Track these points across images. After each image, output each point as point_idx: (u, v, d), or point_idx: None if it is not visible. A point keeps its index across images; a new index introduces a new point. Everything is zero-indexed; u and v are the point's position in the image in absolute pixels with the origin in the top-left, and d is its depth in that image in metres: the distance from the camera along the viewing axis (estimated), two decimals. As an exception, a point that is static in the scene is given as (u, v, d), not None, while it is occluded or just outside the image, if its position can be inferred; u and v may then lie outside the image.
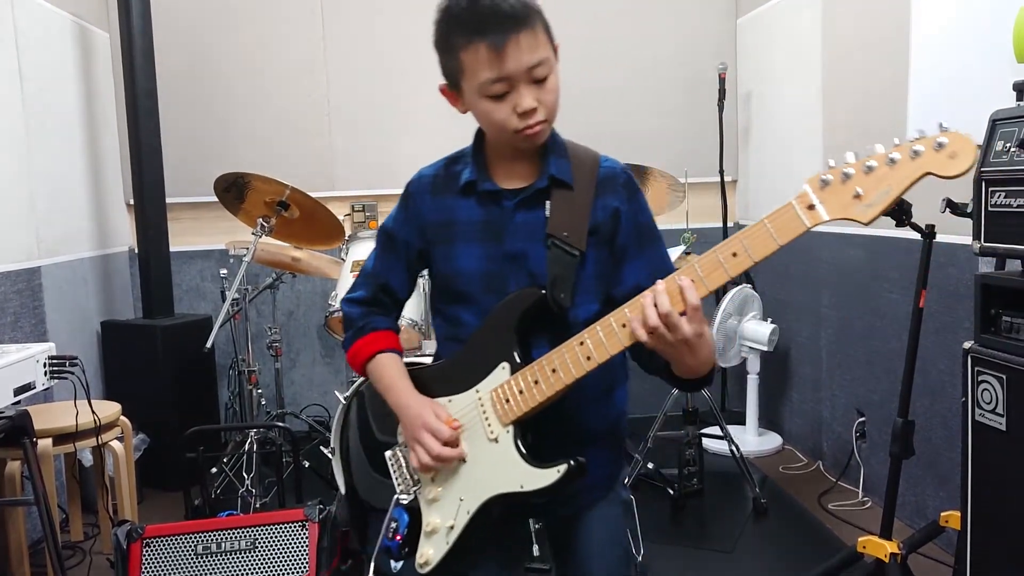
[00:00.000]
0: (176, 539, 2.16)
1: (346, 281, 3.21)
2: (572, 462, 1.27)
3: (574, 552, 1.48)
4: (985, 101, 2.18)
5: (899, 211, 2.34)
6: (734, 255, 1.17)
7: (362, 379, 1.60)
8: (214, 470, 3.43)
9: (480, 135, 1.47)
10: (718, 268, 1.18)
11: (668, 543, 3.06)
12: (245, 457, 3.35)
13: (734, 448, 3.46)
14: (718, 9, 4.56)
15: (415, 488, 1.43)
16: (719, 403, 4.46)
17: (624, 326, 1.23)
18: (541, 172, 1.41)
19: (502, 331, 1.36)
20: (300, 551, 2.18)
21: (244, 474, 3.30)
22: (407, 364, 1.51)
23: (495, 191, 1.42)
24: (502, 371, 1.34)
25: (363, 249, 3.24)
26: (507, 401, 1.32)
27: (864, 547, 2.49)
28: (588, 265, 1.38)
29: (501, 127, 1.34)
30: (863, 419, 3.39)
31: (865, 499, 3.36)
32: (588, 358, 1.26)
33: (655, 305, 1.18)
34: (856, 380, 3.48)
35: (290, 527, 2.20)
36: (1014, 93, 2.06)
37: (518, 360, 1.33)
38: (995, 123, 1.98)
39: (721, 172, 4.39)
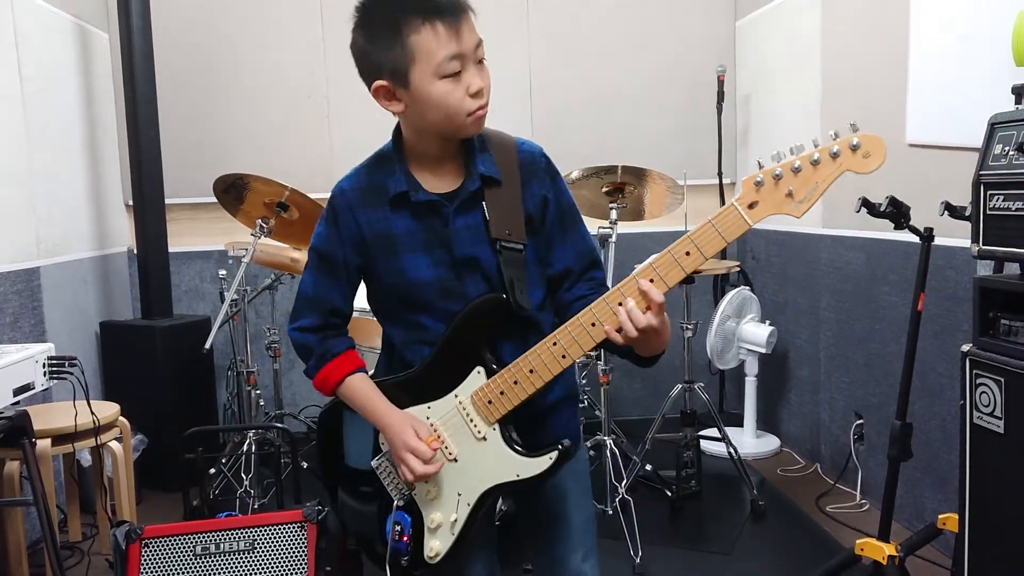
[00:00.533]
0: (175, 540, 2.16)
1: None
2: (561, 445, 1.40)
3: (553, 508, 1.58)
4: (984, 104, 2.19)
5: (898, 214, 2.35)
6: (687, 254, 1.30)
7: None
8: (213, 471, 3.43)
9: (398, 138, 1.49)
10: (674, 267, 1.31)
11: (666, 545, 3.06)
12: (244, 458, 3.35)
13: (732, 450, 3.46)
14: (717, 11, 4.57)
15: (409, 490, 1.50)
16: (717, 405, 4.46)
17: (594, 325, 1.35)
18: (469, 172, 1.45)
19: (471, 338, 1.44)
20: (299, 552, 2.18)
21: (243, 475, 3.30)
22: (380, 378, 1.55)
23: (428, 200, 1.43)
24: (478, 375, 1.43)
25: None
26: (490, 402, 1.42)
27: (862, 549, 2.49)
28: (529, 254, 1.46)
29: (455, 110, 1.36)
30: (861, 421, 3.39)
31: (863, 501, 3.37)
32: (563, 356, 1.38)
33: (630, 320, 1.30)
34: (854, 382, 3.49)
35: (289, 528, 2.19)
36: (1013, 96, 2.06)
37: (493, 365, 1.43)
38: (994, 126, 1.98)
39: (720, 174, 4.39)
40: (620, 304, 1.32)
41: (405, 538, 1.47)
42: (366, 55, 1.40)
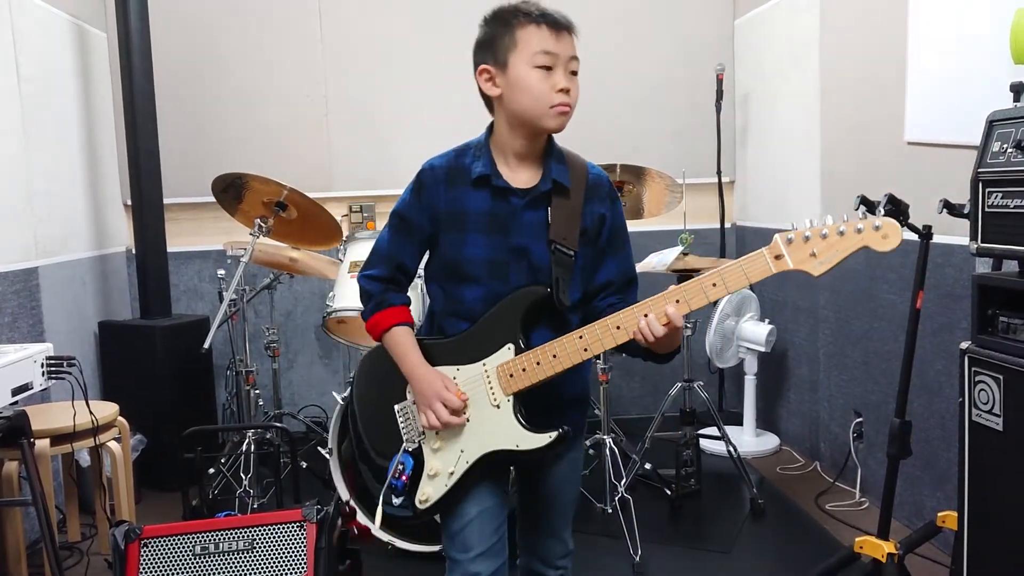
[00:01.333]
0: (174, 539, 2.16)
1: (344, 282, 3.20)
2: (561, 429, 1.57)
3: (547, 487, 1.78)
4: (982, 101, 2.19)
5: (896, 212, 2.35)
6: (714, 285, 1.49)
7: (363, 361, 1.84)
8: (212, 471, 3.43)
9: (490, 132, 1.67)
10: (700, 295, 1.50)
11: (666, 543, 3.06)
12: (243, 458, 3.35)
13: (731, 449, 3.47)
14: (716, 10, 4.57)
15: (420, 438, 1.67)
16: (716, 404, 4.46)
17: (619, 328, 1.54)
18: (543, 175, 1.64)
19: (509, 318, 1.61)
20: (298, 551, 2.17)
21: (242, 474, 3.30)
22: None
23: (506, 188, 1.62)
24: (507, 351, 1.61)
25: (361, 250, 3.24)
26: (511, 376, 1.60)
27: (861, 547, 2.49)
28: (578, 261, 1.65)
29: (539, 98, 1.55)
30: (860, 419, 3.39)
31: (862, 499, 3.37)
32: (585, 350, 1.56)
33: (649, 329, 1.50)
34: (853, 380, 3.49)
35: (288, 527, 2.19)
36: (1011, 94, 2.07)
37: (522, 345, 1.60)
38: (992, 124, 1.98)
39: (719, 173, 4.40)
40: (645, 315, 1.51)
41: (404, 478, 1.64)
42: (481, 44, 1.64)
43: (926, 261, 2.39)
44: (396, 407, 1.70)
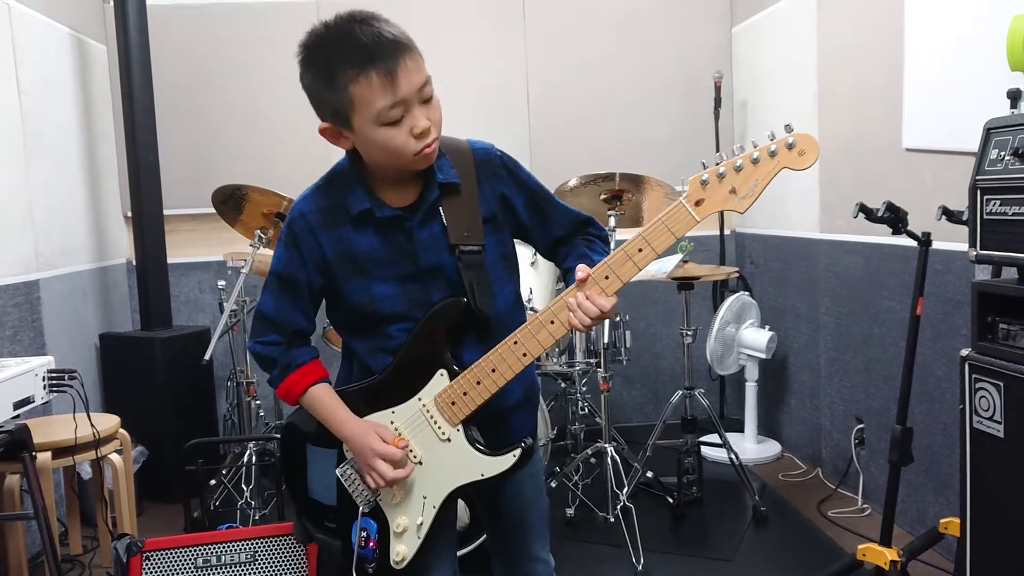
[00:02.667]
0: (176, 552, 2.16)
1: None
2: (523, 443, 1.46)
3: (512, 509, 1.65)
4: (979, 109, 2.19)
5: (895, 219, 2.36)
6: (639, 250, 1.37)
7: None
8: (213, 482, 3.42)
9: (355, 156, 1.49)
10: (627, 262, 1.38)
11: (668, 551, 3.06)
12: (244, 469, 3.35)
13: (733, 456, 3.46)
14: (713, 18, 4.58)
15: (376, 497, 1.52)
16: (718, 411, 4.46)
17: (552, 322, 1.41)
18: (427, 182, 1.46)
19: (432, 342, 1.47)
20: (299, 564, 2.18)
21: (243, 486, 3.30)
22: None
23: (394, 216, 1.46)
24: (440, 377, 1.47)
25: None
26: (453, 403, 1.46)
27: (864, 554, 2.49)
28: (490, 252, 1.49)
29: (399, 153, 1.38)
30: (862, 426, 3.39)
31: (865, 506, 3.37)
32: (524, 355, 1.43)
33: (583, 312, 1.38)
34: (855, 387, 3.49)
35: (289, 540, 2.19)
36: (1008, 101, 2.07)
37: (454, 367, 1.46)
38: (989, 131, 1.99)
39: (718, 180, 4.40)
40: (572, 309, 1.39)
41: (372, 543, 1.50)
42: (312, 95, 1.43)
43: (925, 268, 2.40)
44: (337, 472, 1.53)
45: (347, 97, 1.35)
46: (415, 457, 1.49)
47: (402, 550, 1.50)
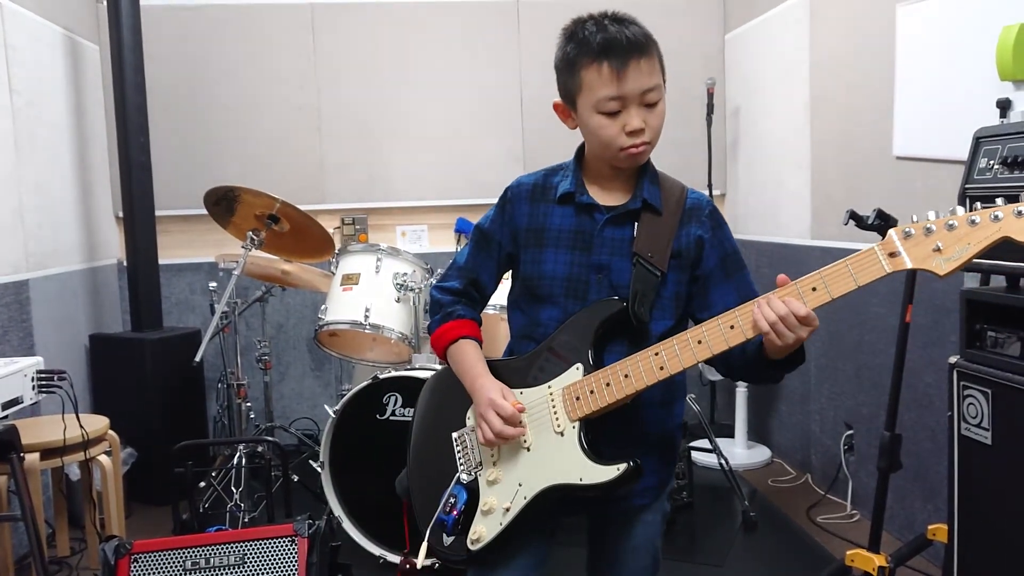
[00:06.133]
0: (164, 554, 2.15)
1: (336, 295, 3.20)
2: (631, 463, 1.37)
3: (610, 550, 1.59)
4: (969, 118, 2.21)
5: (885, 226, 2.37)
6: (813, 289, 1.31)
7: (345, 397, 1.67)
8: (202, 484, 3.41)
9: (580, 152, 1.60)
10: (798, 300, 1.31)
11: (658, 557, 3.06)
12: (234, 471, 3.34)
13: (723, 461, 3.47)
14: (706, 25, 4.61)
15: (477, 469, 1.51)
16: (708, 416, 4.47)
17: (700, 342, 1.36)
18: (634, 194, 1.53)
19: (581, 335, 1.47)
20: (289, 566, 2.17)
21: (233, 488, 3.28)
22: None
23: (590, 204, 1.53)
24: (576, 371, 1.45)
25: (353, 262, 3.25)
26: (577, 399, 1.43)
27: (852, 560, 2.50)
28: (668, 285, 1.50)
29: (608, 143, 1.46)
30: (851, 432, 3.41)
31: (853, 512, 3.38)
32: (661, 368, 1.38)
33: (772, 310, 1.31)
34: (844, 393, 3.50)
35: (279, 542, 2.19)
36: (998, 110, 2.09)
37: (591, 363, 1.44)
38: (979, 140, 2.01)
39: (710, 186, 4.42)
40: (732, 327, 1.34)
41: (456, 513, 1.48)
42: (557, 72, 1.55)
43: (915, 275, 2.41)
44: (454, 435, 1.56)
45: (578, 80, 1.46)
46: (525, 442, 1.47)
47: (481, 531, 1.47)
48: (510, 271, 1.65)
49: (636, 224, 1.50)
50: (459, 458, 1.54)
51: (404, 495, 1.64)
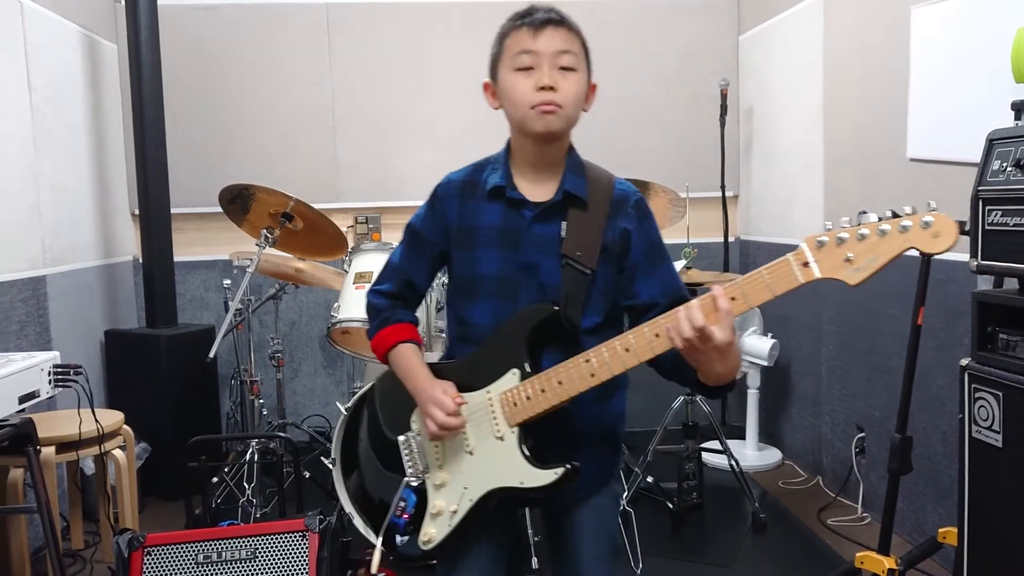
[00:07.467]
0: (177, 548, 2.17)
1: (349, 293, 3.22)
2: (569, 466, 1.42)
3: (567, 538, 1.61)
4: (983, 119, 2.21)
5: (898, 228, 2.36)
6: (732, 299, 1.29)
7: (369, 385, 1.73)
8: (215, 479, 3.44)
9: (508, 145, 1.59)
10: (713, 312, 1.30)
11: (667, 557, 3.06)
12: (246, 467, 3.36)
13: (734, 463, 3.47)
14: (720, 26, 4.60)
15: (424, 473, 1.56)
16: (719, 417, 4.46)
17: (627, 350, 1.38)
18: (560, 187, 1.53)
19: (515, 339, 1.49)
20: (300, 561, 2.19)
21: (245, 484, 3.31)
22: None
23: (519, 200, 1.53)
24: (512, 376, 1.47)
25: (366, 261, 3.26)
26: (515, 404, 1.46)
27: (862, 563, 2.50)
28: (597, 282, 1.51)
29: (520, 102, 1.47)
30: (863, 435, 3.40)
31: (864, 514, 3.37)
32: (592, 375, 1.40)
33: (689, 320, 1.29)
34: (856, 395, 3.49)
35: (290, 537, 2.21)
36: (1012, 112, 2.08)
37: (528, 369, 1.46)
38: (992, 142, 2.00)
39: (723, 187, 4.41)
40: (657, 336, 1.35)
41: (405, 516, 1.54)
42: (490, 57, 1.57)
43: (927, 277, 2.40)
44: (399, 439, 1.59)
45: (501, 48, 1.52)
46: (467, 446, 1.50)
47: (432, 532, 1.52)
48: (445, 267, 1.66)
49: (564, 222, 1.51)
50: (406, 462, 1.58)
51: (355, 501, 1.69)
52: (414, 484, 1.56)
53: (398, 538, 1.55)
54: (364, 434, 1.70)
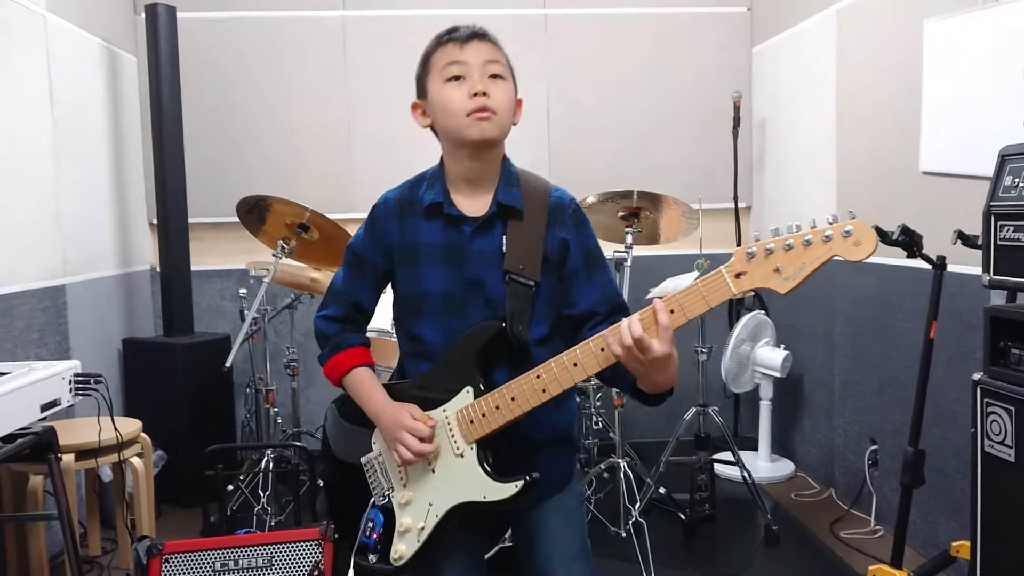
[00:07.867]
0: (195, 555, 2.20)
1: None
2: (528, 478, 1.45)
3: (535, 540, 1.63)
4: (996, 134, 2.22)
5: (910, 242, 2.38)
6: (671, 311, 1.34)
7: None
8: (230, 488, 3.47)
9: (442, 161, 1.61)
10: (653, 324, 1.35)
11: (679, 568, 3.07)
12: (261, 475, 3.39)
13: (746, 474, 3.47)
14: (734, 38, 4.62)
15: (389, 492, 1.59)
16: (731, 429, 4.47)
17: (575, 365, 1.41)
18: (492, 199, 1.55)
19: (465, 357, 1.52)
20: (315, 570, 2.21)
21: (260, 492, 3.34)
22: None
23: (457, 216, 1.55)
24: (466, 394, 1.50)
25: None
26: (471, 422, 1.49)
27: (875, 576, 2.50)
28: (542, 291, 1.54)
29: (454, 111, 1.49)
30: (875, 447, 3.39)
31: (877, 527, 3.36)
32: (543, 390, 1.44)
33: (629, 330, 1.34)
34: (868, 408, 3.49)
35: (306, 546, 2.23)
36: (1024, 128, 2.09)
37: (481, 387, 1.50)
38: (1004, 158, 2.01)
39: (735, 199, 4.42)
40: (602, 350, 1.39)
41: (375, 535, 1.57)
42: (416, 81, 1.59)
43: (940, 291, 2.41)
44: (362, 460, 1.63)
45: (428, 66, 1.54)
46: (430, 464, 1.53)
47: (401, 549, 1.55)
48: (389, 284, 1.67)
49: (504, 236, 1.53)
50: (371, 483, 1.62)
51: (327, 519, 1.73)
52: (380, 503, 1.59)
53: (371, 556, 1.57)
54: (326, 458, 1.73)
